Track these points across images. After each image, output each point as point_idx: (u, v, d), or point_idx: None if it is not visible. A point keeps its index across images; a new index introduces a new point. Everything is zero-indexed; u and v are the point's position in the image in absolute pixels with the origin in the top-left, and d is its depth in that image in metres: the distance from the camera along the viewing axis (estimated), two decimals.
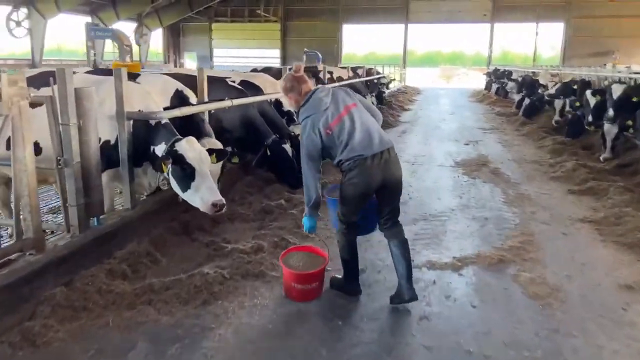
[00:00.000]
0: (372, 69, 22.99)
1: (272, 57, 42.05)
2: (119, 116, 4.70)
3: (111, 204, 4.98)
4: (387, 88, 22.72)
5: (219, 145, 5.40)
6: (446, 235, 5.60)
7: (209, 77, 6.73)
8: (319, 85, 3.91)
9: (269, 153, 6.97)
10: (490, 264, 4.80)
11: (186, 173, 4.47)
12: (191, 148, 4.56)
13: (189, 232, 5.35)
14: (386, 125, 14.78)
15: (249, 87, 7.87)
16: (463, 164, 9.51)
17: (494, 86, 26.32)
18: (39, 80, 4.89)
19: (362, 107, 3.84)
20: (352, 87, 14.72)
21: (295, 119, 7.63)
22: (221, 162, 5.21)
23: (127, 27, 35.62)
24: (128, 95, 4.70)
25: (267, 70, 13.33)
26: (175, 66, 41.95)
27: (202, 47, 44.03)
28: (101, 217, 4.51)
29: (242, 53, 42.86)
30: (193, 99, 5.90)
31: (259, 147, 7.09)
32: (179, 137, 4.75)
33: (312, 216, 3.94)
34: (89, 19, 31.53)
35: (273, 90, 8.46)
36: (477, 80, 39.00)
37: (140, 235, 4.84)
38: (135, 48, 37.12)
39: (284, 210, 6.10)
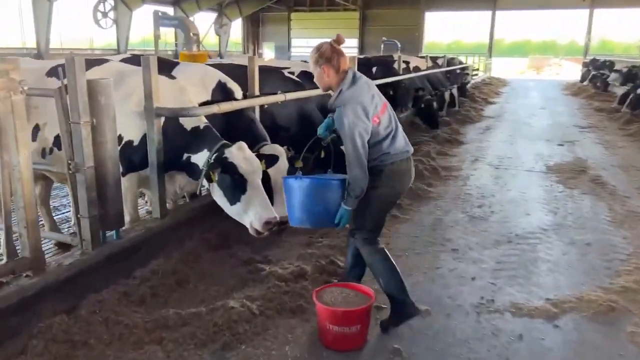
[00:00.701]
0: (454, 58, 21.43)
1: (349, 46, 41.10)
2: (147, 112, 4.08)
3: (135, 213, 4.40)
4: (470, 79, 21.08)
5: (280, 151, 4.68)
6: (537, 266, 4.50)
7: (262, 68, 6.01)
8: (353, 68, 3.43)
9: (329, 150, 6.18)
10: (597, 313, 3.68)
11: (236, 184, 3.90)
12: (243, 156, 3.97)
13: (228, 245, 4.68)
14: (467, 120, 13.48)
15: (310, 79, 7.07)
16: (557, 169, 8.16)
17: (591, 78, 23.79)
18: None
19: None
20: (430, 78, 13.57)
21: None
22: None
23: (207, 18, 36.21)
24: (159, 89, 4.06)
25: None
26: (255, 55, 42.20)
27: (281, 37, 43.99)
28: (122, 229, 3.92)
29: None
30: (238, 93, 5.19)
31: (317, 145, 6.30)
32: (226, 142, 4.12)
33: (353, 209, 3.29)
34: (171, 9, 32.22)
35: None
36: (571, 72, 36.06)
37: (169, 250, 4.22)
38: (215, 38, 37.87)
39: None
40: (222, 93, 5.07)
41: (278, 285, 3.78)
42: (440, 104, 12.85)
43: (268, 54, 44.30)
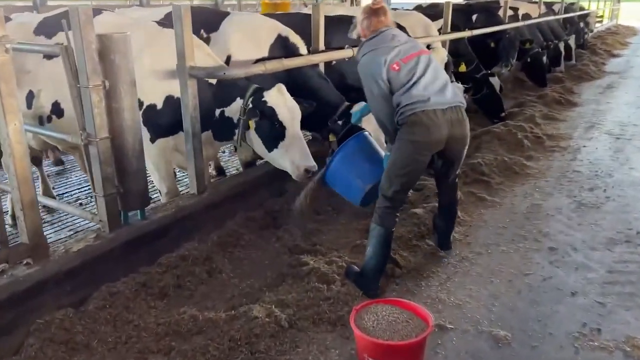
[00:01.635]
0: (573, 4, 18.73)
1: None
2: (180, 73, 3.49)
3: (173, 185, 3.90)
4: (592, 28, 18.36)
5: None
6: None
7: (329, 19, 5.18)
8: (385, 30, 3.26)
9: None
10: None
11: (276, 131, 3.67)
12: (283, 101, 3.69)
13: (275, 225, 4.09)
14: (584, 76, 11.61)
15: None
16: None
17: None
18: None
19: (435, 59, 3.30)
20: (542, 27, 11.76)
21: None
22: None
23: None
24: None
25: (433, 6, 11.16)
26: (352, 4, 40.61)
27: None
28: (149, 208, 3.44)
29: None
30: (303, 48, 4.45)
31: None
32: (260, 87, 3.70)
33: None
34: None
35: (425, 34, 6.58)
36: None
37: (206, 231, 3.71)
38: None
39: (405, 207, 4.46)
40: (282, 49, 4.37)
41: (318, 288, 3.11)
42: (554, 58, 11.15)
43: (367, 2, 42.27)
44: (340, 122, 4.25)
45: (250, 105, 3.61)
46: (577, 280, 3.43)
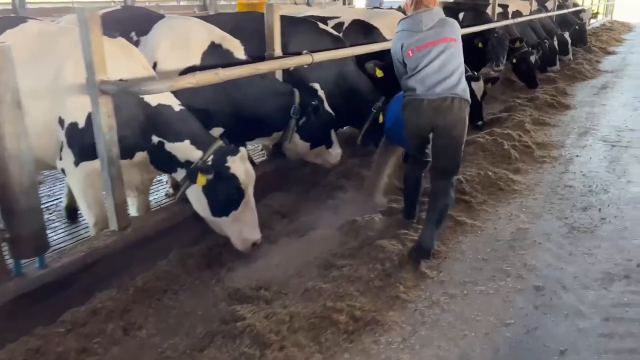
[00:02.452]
0: (567, 0, 18.18)
1: None
2: (89, 89, 2.91)
3: (101, 212, 3.29)
4: (586, 23, 17.80)
5: None
6: None
7: (288, 20, 4.62)
8: (435, 7, 3.53)
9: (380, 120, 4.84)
10: None
11: (231, 199, 3.34)
12: (245, 167, 3.38)
13: (220, 263, 3.52)
14: (578, 76, 11.04)
15: (361, 32, 5.55)
16: None
17: None
18: None
19: (459, 46, 3.55)
20: (534, 26, 11.21)
21: None
22: None
23: None
24: (104, 56, 2.87)
25: None
26: (345, 4, 40.03)
27: None
28: (48, 254, 2.86)
29: None
30: (239, 53, 3.89)
31: (364, 116, 4.92)
32: (223, 144, 3.36)
33: None
34: None
35: None
36: None
37: (129, 276, 3.14)
38: None
39: (381, 227, 3.91)
40: (216, 56, 3.80)
41: (249, 356, 2.54)
42: (548, 57, 10.60)
43: (360, 1, 41.85)
44: None
45: (208, 162, 3.26)
46: (567, 331, 2.86)
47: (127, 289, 3.05)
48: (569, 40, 12.33)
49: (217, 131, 4.00)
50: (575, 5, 18.29)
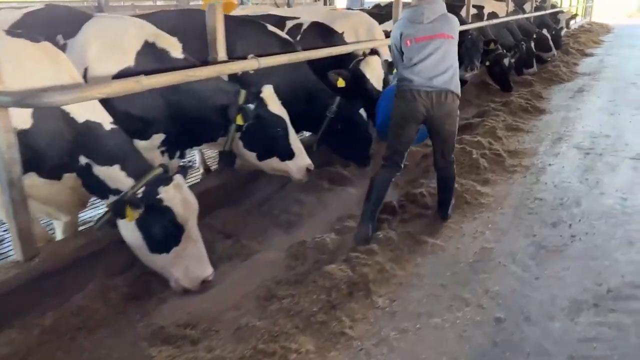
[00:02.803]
0: (545, 1, 18.07)
1: None
2: None
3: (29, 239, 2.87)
4: (563, 26, 17.70)
5: None
6: None
7: (234, 21, 4.27)
8: (438, 1, 3.72)
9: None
10: None
11: (168, 234, 2.95)
12: (181, 197, 2.98)
13: (149, 293, 3.15)
14: (555, 78, 10.84)
15: (319, 35, 5.21)
16: None
17: None
18: None
19: (454, 43, 3.75)
20: (511, 27, 10.99)
21: None
22: None
23: None
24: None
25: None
26: (326, 4, 39.66)
27: None
28: None
29: None
30: (176, 52, 3.52)
31: (320, 121, 4.60)
32: (160, 171, 3.01)
33: None
34: None
35: (369, 37, 5.69)
36: None
37: (36, 314, 2.74)
38: None
39: (332, 248, 3.57)
40: (151, 56, 3.43)
41: None
42: (525, 60, 10.37)
43: (341, 2, 41.57)
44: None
45: (138, 195, 2.88)
46: None
47: (31, 330, 2.66)
48: (549, 37, 12.14)
49: (158, 138, 3.65)
50: (553, 6, 18.21)
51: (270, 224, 4.04)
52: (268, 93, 3.63)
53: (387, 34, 6.83)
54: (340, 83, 4.84)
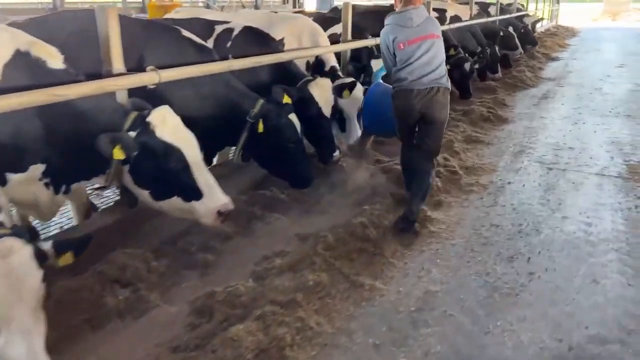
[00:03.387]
0: (510, 4, 17.87)
1: None
2: None
3: None
4: (533, 30, 17.51)
5: None
6: None
7: (142, 26, 3.66)
8: (420, 6, 4.02)
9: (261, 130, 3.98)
10: None
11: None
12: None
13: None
14: (519, 84, 10.52)
15: (250, 41, 4.62)
16: None
17: None
18: None
19: (442, 42, 4.07)
20: (474, 30, 10.59)
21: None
22: None
23: None
24: None
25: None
26: (295, 7, 39.11)
27: None
28: None
29: None
30: (53, 61, 2.89)
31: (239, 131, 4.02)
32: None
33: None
34: None
35: (312, 43, 5.14)
36: None
37: None
38: None
39: (246, 301, 2.97)
40: (23, 67, 2.80)
41: None
42: (489, 64, 9.99)
43: (310, 4, 41.09)
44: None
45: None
46: None
47: None
48: (515, 35, 11.79)
49: (36, 169, 3.00)
50: (519, 10, 18.01)
51: (183, 266, 3.42)
52: (158, 116, 2.91)
53: (337, 38, 6.37)
54: (286, 99, 4.24)
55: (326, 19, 6.67)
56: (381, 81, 5.19)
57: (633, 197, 4.76)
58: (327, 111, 4.49)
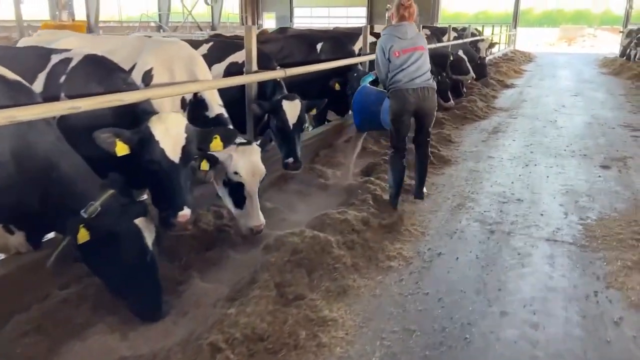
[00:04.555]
0: (464, 29, 17.29)
1: (357, 16, 37.39)
2: None
3: None
4: (483, 54, 16.90)
5: None
6: None
7: None
8: (412, 22, 4.75)
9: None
10: None
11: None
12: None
13: None
14: (469, 115, 9.67)
15: (93, 74, 3.44)
16: (606, 234, 4.40)
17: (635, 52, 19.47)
18: None
19: (427, 53, 4.77)
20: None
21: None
22: None
23: None
24: None
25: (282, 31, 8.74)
26: (254, 24, 38.21)
27: (283, 6, 40.16)
28: None
29: (325, 12, 39.14)
30: None
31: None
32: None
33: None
34: None
35: (187, 76, 4.01)
36: (607, 43, 31.82)
37: None
38: (203, 8, 33.78)
39: None
40: None
41: None
42: (440, 94, 9.05)
43: (269, 25, 40.34)
44: None
45: None
46: None
47: None
48: (465, 58, 10.97)
49: None
50: (473, 35, 17.43)
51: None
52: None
53: (229, 69, 5.27)
54: (121, 150, 3.06)
55: (227, 45, 5.55)
56: (367, 84, 5.85)
57: (591, 276, 3.74)
58: (173, 154, 3.24)
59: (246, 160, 3.73)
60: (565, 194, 5.52)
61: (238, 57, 5.26)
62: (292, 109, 4.78)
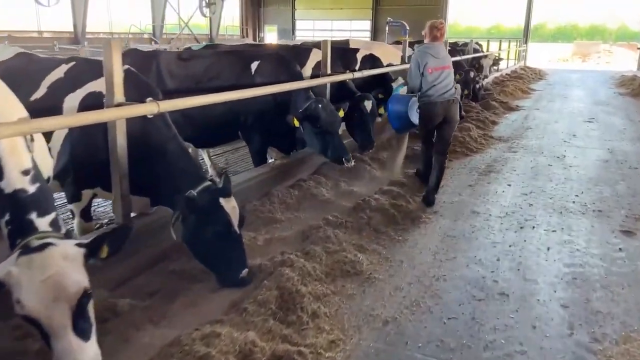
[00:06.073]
0: (466, 44, 15.69)
1: (361, 29, 36.16)
2: None
3: None
4: (486, 73, 15.23)
5: None
6: None
7: None
8: (443, 41, 5.68)
9: None
10: None
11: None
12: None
13: None
14: (462, 147, 8.01)
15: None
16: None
17: None
18: None
19: (452, 71, 5.64)
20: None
21: None
22: None
23: None
24: None
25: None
26: (255, 41, 37.01)
27: (285, 19, 39.03)
28: None
29: (328, 25, 37.93)
30: None
31: None
32: None
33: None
34: None
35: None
36: (624, 61, 30.14)
37: None
38: (203, 20, 32.52)
39: None
40: None
41: None
42: None
43: (271, 39, 39.13)
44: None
45: None
46: None
47: None
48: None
49: None
50: (476, 51, 15.82)
51: None
52: None
53: (96, 97, 3.72)
54: None
55: (91, 68, 3.97)
56: (398, 93, 6.50)
57: None
58: None
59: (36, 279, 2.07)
60: (572, 283, 3.84)
61: (99, 84, 3.69)
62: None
